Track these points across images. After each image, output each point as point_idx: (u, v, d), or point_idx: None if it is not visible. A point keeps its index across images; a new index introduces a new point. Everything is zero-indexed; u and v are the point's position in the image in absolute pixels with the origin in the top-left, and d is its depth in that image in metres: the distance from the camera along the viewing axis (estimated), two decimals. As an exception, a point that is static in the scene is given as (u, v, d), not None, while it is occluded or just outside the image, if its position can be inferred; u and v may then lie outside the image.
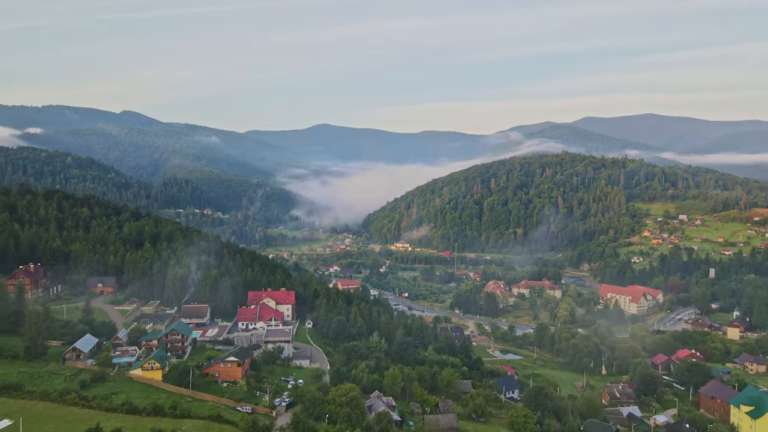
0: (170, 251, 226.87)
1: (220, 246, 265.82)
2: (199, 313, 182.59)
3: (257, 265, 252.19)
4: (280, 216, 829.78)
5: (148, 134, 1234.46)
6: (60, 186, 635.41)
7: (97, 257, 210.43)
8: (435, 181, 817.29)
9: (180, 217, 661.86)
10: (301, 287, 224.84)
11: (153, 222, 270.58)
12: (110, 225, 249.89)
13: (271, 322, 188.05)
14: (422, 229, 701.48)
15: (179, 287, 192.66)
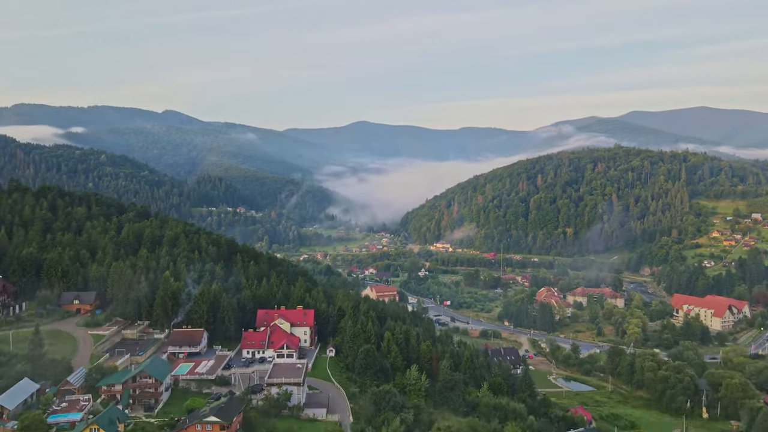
0: (169, 259, 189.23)
1: (233, 251, 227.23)
2: (192, 340, 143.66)
3: (276, 273, 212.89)
4: (315, 214, 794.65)
5: (186, 132, 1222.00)
6: (92, 184, 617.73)
7: (75, 266, 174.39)
8: (477, 177, 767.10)
9: (212, 215, 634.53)
10: (324, 303, 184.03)
11: (158, 223, 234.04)
12: (107, 227, 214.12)
13: (283, 350, 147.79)
14: (464, 229, 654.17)
15: (171, 305, 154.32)
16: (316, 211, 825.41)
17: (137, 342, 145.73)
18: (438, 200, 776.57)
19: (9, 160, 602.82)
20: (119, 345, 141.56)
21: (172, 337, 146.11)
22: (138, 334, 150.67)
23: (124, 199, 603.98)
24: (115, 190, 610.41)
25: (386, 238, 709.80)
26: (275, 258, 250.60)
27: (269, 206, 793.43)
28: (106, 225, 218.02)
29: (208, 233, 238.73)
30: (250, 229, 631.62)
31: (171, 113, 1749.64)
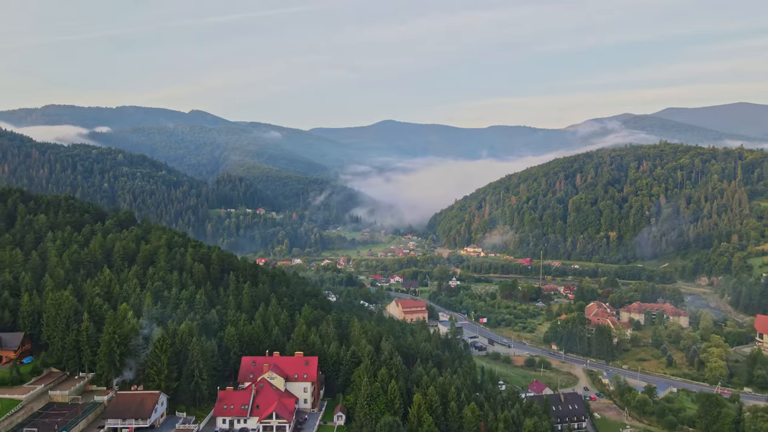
0: (137, 282, 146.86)
1: (226, 269, 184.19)
2: (141, 408, 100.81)
3: (277, 297, 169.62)
4: (339, 215, 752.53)
5: (210, 132, 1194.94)
6: (108, 184, 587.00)
7: (4, 297, 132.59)
8: (510, 177, 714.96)
9: (230, 217, 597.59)
10: (336, 340, 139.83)
11: (140, 233, 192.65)
12: (71, 240, 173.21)
13: (272, 419, 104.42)
14: (496, 232, 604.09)
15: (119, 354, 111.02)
16: (340, 213, 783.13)
17: (68, 409, 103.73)
18: (468, 201, 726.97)
19: (23, 160, 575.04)
20: (36, 417, 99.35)
21: (113, 404, 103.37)
22: (72, 396, 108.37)
23: (140, 200, 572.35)
24: (131, 191, 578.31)
25: (413, 241, 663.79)
26: (280, 274, 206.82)
27: (291, 207, 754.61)
28: (72, 237, 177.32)
29: (198, 246, 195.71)
30: (270, 231, 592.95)
31: (197, 113, 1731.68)
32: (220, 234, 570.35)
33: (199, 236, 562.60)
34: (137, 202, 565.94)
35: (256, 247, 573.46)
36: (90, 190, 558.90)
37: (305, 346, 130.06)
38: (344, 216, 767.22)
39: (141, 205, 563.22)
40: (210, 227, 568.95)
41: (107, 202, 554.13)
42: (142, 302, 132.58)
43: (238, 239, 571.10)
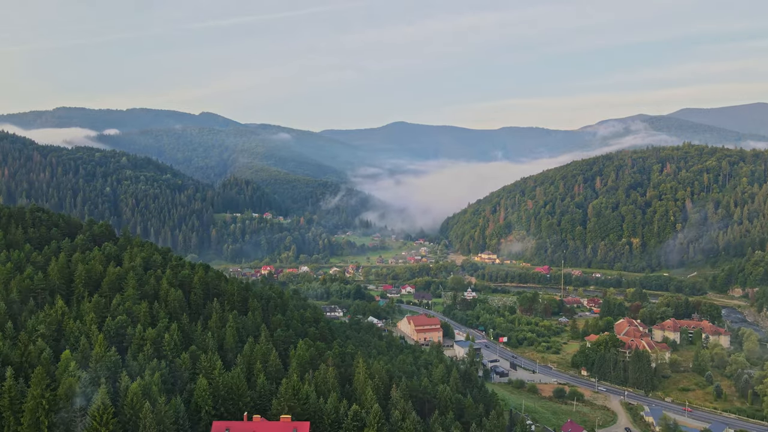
0: (93, 318, 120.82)
1: (211, 293, 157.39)
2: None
3: (267, 327, 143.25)
4: (349, 220, 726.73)
5: (218, 134, 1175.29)
6: (110, 188, 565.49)
7: None
8: (525, 180, 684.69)
9: (236, 222, 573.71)
10: (337, 387, 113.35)
11: (115, 251, 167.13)
12: (30, 260, 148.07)
13: None
14: (512, 238, 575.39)
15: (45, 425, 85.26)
16: (350, 217, 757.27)
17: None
18: (482, 205, 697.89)
19: (24, 163, 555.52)
20: None
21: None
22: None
23: (142, 204, 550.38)
24: (134, 195, 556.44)
25: (425, 246, 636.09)
26: (276, 297, 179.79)
27: (300, 211, 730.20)
28: (30, 257, 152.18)
29: (178, 266, 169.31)
30: (277, 237, 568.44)
31: (207, 115, 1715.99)
32: (225, 240, 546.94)
33: (203, 242, 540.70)
34: (140, 206, 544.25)
35: (262, 253, 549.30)
36: (91, 194, 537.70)
37: (296, 402, 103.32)
38: (354, 220, 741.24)
39: (144, 210, 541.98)
40: (215, 233, 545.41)
41: (109, 207, 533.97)
42: (92, 345, 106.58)
43: (244, 245, 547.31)
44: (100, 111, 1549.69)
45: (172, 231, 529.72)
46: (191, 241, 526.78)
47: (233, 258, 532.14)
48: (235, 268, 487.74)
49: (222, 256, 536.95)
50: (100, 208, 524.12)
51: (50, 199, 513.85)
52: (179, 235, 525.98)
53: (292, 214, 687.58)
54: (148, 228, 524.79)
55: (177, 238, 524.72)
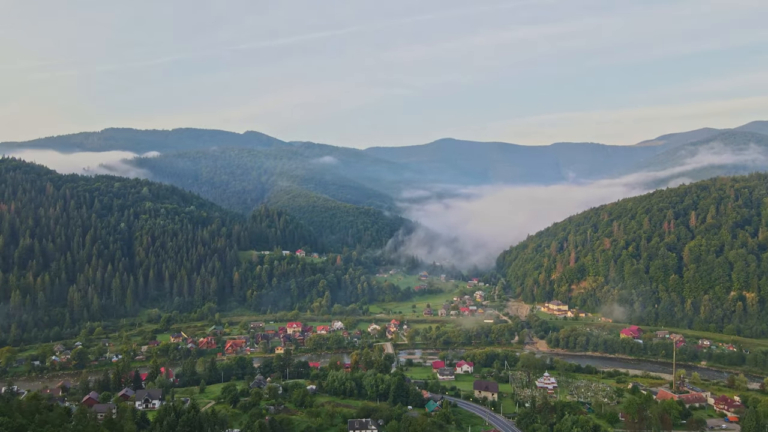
0: None
1: None
2: None
3: None
4: (393, 255, 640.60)
5: (257, 156, 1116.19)
6: (125, 224, 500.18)
7: None
8: (597, 211, 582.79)
9: (263, 262, 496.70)
10: None
11: None
12: None
13: None
14: (586, 285, 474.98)
15: None
16: (394, 248, 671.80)
17: None
18: (545, 239, 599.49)
19: (35, 197, 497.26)
20: None
21: None
22: None
23: (158, 243, 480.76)
24: (150, 232, 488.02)
25: (480, 290, 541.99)
26: None
27: (338, 244, 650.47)
28: None
29: None
30: (309, 281, 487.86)
31: (252, 134, 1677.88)
32: (249, 284, 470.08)
33: (224, 287, 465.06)
34: (155, 245, 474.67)
35: (292, 300, 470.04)
36: (103, 232, 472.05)
37: None
38: (398, 255, 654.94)
39: (159, 250, 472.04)
40: (237, 276, 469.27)
41: (121, 246, 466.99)
42: None
43: (270, 290, 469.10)
44: (145, 131, 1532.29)
45: (189, 275, 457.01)
46: (210, 286, 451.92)
47: (257, 306, 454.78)
48: (257, 323, 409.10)
49: (245, 304, 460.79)
50: (110, 248, 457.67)
51: (57, 237, 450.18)
52: (197, 280, 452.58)
53: (329, 249, 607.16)
54: (162, 271, 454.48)
55: (194, 283, 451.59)
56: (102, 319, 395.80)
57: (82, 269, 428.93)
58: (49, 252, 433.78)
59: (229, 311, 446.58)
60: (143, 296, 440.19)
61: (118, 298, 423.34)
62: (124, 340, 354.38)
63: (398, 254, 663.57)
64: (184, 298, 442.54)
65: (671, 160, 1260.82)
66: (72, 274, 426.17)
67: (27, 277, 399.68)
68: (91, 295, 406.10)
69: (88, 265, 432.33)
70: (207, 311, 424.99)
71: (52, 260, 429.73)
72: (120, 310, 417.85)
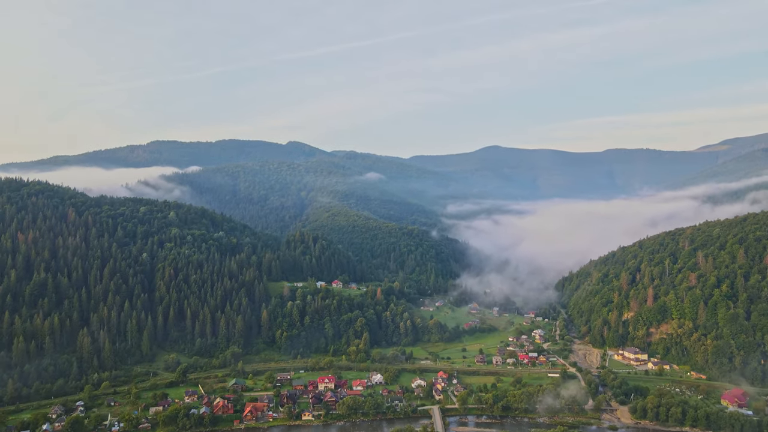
0: None
1: None
2: None
3: None
4: (441, 283, 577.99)
5: (297, 170, 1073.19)
6: (147, 254, 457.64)
7: None
8: (673, 236, 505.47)
9: (295, 296, 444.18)
10: None
11: None
12: None
13: None
14: (668, 328, 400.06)
15: None
16: (441, 274, 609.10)
17: None
18: (611, 267, 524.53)
19: (56, 224, 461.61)
20: None
21: None
22: None
23: (181, 276, 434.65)
24: (174, 263, 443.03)
25: (539, 328, 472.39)
26: None
27: (379, 269, 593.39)
28: None
29: None
30: (345, 319, 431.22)
31: (294, 144, 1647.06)
32: (278, 324, 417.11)
33: (251, 327, 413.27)
34: (178, 279, 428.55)
35: (326, 341, 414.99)
36: (123, 264, 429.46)
37: None
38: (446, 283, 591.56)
39: (182, 284, 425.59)
40: (266, 315, 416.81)
41: (141, 280, 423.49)
42: None
43: (302, 331, 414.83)
44: (189, 144, 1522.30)
45: (213, 313, 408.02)
46: (235, 327, 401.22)
47: (287, 349, 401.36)
48: (284, 375, 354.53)
49: (274, 346, 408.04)
50: (130, 282, 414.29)
51: (74, 270, 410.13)
52: (221, 319, 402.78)
53: (368, 277, 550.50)
54: (184, 309, 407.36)
55: (218, 323, 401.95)
56: (113, 368, 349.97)
57: (97, 308, 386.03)
58: (62, 288, 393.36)
59: (255, 354, 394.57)
60: (162, 337, 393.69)
61: (134, 340, 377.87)
62: (132, 399, 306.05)
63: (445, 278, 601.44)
64: (207, 340, 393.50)
65: (742, 168, 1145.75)
66: (86, 312, 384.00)
67: (35, 319, 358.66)
68: (103, 340, 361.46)
69: (104, 303, 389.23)
70: (230, 357, 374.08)
71: (66, 297, 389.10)
72: (135, 354, 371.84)
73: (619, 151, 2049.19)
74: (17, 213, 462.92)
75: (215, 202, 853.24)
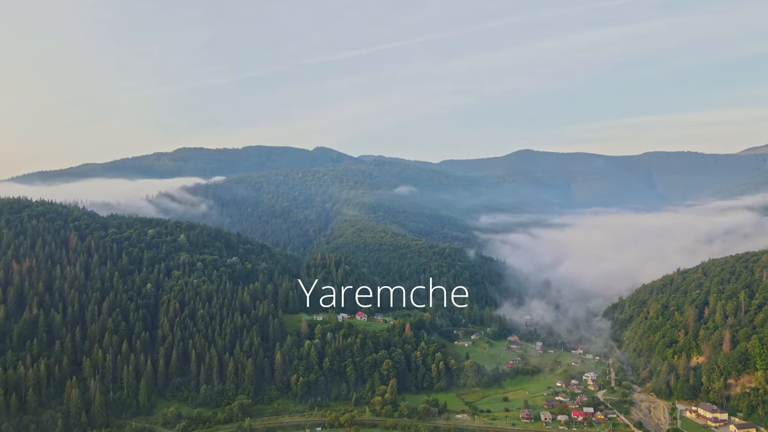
0: None
1: None
2: None
3: None
4: (476, 311, 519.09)
5: (323, 179, 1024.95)
6: (152, 284, 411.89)
7: None
8: (744, 262, 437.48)
9: (314, 332, 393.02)
10: None
11: None
12: None
13: None
14: (752, 381, 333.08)
15: None
16: (476, 297, 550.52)
17: None
18: (671, 296, 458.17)
19: (55, 251, 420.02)
20: None
21: None
22: None
23: (188, 311, 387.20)
24: (180, 294, 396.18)
25: (591, 372, 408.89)
26: None
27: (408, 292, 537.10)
28: None
29: None
30: (369, 361, 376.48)
31: (321, 150, 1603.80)
32: (294, 368, 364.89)
33: (263, 371, 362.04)
34: (183, 315, 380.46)
35: (348, 386, 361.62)
36: (124, 296, 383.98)
37: None
38: (481, 305, 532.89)
39: (187, 321, 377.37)
40: (279, 358, 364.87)
41: (144, 315, 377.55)
42: None
43: (321, 376, 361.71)
44: (216, 151, 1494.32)
45: (220, 355, 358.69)
46: (245, 371, 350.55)
47: (304, 397, 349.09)
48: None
49: (289, 393, 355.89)
50: (131, 319, 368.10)
51: (69, 306, 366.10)
52: (229, 362, 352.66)
53: (397, 304, 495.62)
54: (188, 350, 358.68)
55: (226, 366, 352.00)
56: (104, 425, 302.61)
57: (91, 351, 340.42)
58: (55, 327, 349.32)
59: (267, 405, 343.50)
60: (163, 384, 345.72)
61: (131, 389, 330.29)
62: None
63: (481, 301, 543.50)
64: (213, 387, 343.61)
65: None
66: (78, 355, 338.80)
67: (19, 367, 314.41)
68: (94, 391, 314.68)
69: (99, 345, 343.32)
70: (237, 410, 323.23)
71: (58, 338, 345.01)
72: (131, 406, 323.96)
73: (659, 155, 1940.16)
74: (15, 238, 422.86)
75: (237, 215, 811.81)
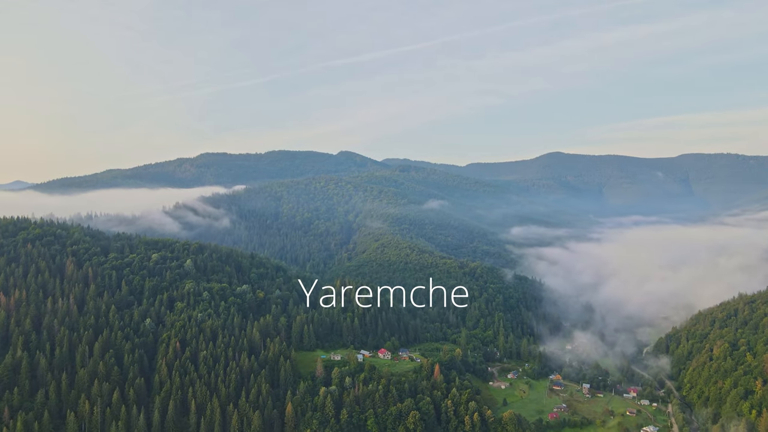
0: None
1: None
2: None
3: None
4: (512, 342, 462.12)
5: (346, 187, 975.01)
6: (152, 319, 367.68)
7: None
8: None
9: (330, 380, 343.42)
10: None
11: None
12: None
13: None
14: None
15: None
16: (511, 325, 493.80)
17: None
18: (740, 331, 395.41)
19: (48, 280, 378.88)
20: None
21: None
22: None
23: (189, 351, 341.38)
24: (182, 330, 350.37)
25: (651, 426, 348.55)
26: None
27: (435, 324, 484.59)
28: None
29: None
30: (393, 412, 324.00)
31: (345, 155, 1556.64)
32: (308, 421, 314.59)
33: (272, 424, 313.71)
34: (183, 357, 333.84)
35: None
36: (120, 334, 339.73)
37: None
38: (517, 336, 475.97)
39: (187, 364, 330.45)
40: (290, 410, 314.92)
41: (140, 356, 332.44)
42: None
43: (338, 430, 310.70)
44: (238, 156, 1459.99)
45: (223, 406, 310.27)
46: (251, 426, 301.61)
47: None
48: None
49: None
50: (125, 363, 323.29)
51: (58, 345, 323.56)
52: (233, 415, 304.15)
53: (423, 337, 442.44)
54: (187, 400, 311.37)
55: (229, 420, 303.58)
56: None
57: (77, 402, 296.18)
58: (40, 372, 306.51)
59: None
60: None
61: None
62: None
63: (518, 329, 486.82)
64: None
65: None
66: (63, 407, 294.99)
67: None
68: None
69: (86, 395, 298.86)
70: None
71: (42, 386, 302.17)
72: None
73: (696, 156, 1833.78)
74: (7, 265, 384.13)
75: (256, 227, 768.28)
